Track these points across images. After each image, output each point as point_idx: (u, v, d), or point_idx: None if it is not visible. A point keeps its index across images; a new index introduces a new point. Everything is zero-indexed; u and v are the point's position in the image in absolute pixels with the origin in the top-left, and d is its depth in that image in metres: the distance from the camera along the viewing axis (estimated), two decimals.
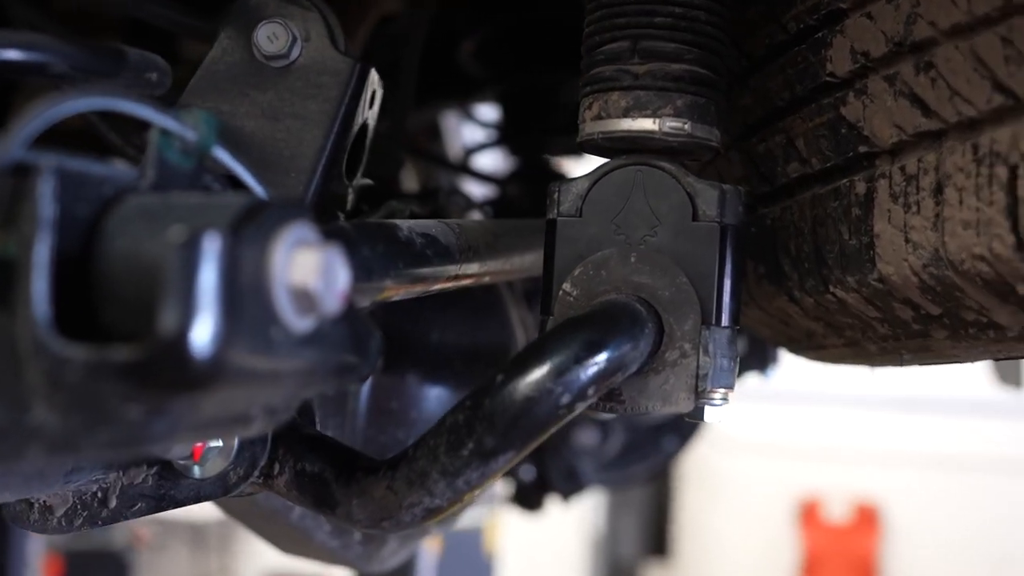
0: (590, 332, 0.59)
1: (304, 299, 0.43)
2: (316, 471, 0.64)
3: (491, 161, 2.12)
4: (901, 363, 0.78)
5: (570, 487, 2.15)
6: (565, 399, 0.57)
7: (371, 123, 0.82)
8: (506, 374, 0.57)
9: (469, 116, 1.89)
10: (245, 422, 0.47)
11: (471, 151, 1.84)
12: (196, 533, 8.19)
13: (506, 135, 1.86)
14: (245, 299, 0.41)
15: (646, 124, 0.63)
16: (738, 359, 0.65)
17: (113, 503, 0.64)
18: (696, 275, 0.63)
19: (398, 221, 0.65)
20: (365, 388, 0.97)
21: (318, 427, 0.75)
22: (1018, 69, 0.54)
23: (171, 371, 0.39)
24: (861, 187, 0.65)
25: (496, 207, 1.60)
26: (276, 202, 0.43)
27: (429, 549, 3.73)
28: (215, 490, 0.64)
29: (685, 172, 0.64)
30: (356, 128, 0.78)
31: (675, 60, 0.63)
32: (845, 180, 0.66)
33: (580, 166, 1.88)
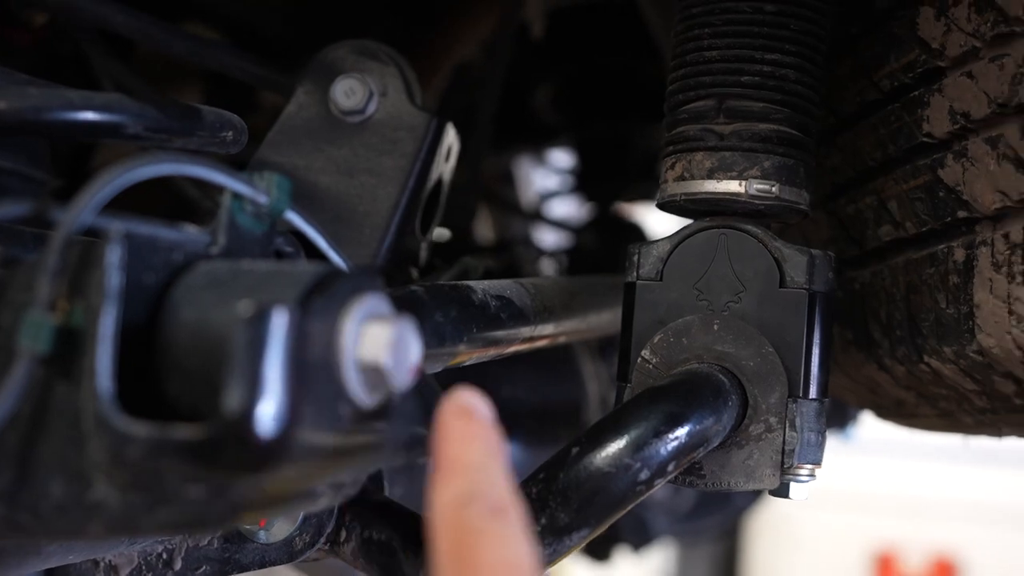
0: (670, 404, 0.56)
1: (374, 375, 0.41)
2: (383, 539, 0.62)
3: (565, 208, 2.11)
4: (999, 435, 0.73)
5: (640, 539, 2.10)
6: (643, 475, 0.54)
7: (447, 178, 0.81)
8: (581, 446, 0.55)
9: (544, 162, 1.87)
10: (311, 498, 0.46)
11: (546, 198, 1.83)
12: None
13: (580, 182, 1.84)
14: (313, 375, 0.39)
15: (731, 186, 0.61)
16: (826, 433, 0.62)
17: (178, 565, 0.63)
18: (783, 344, 0.60)
19: (472, 283, 0.63)
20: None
21: (386, 487, 0.73)
22: None
23: (235, 452, 0.37)
24: (960, 254, 0.61)
25: (570, 255, 1.58)
26: (347, 273, 0.42)
27: None
28: (281, 556, 0.63)
29: (772, 236, 0.61)
30: (431, 183, 0.77)
31: (762, 120, 0.61)
32: (942, 246, 0.63)
33: (654, 213, 1.85)
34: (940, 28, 0.61)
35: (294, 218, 0.51)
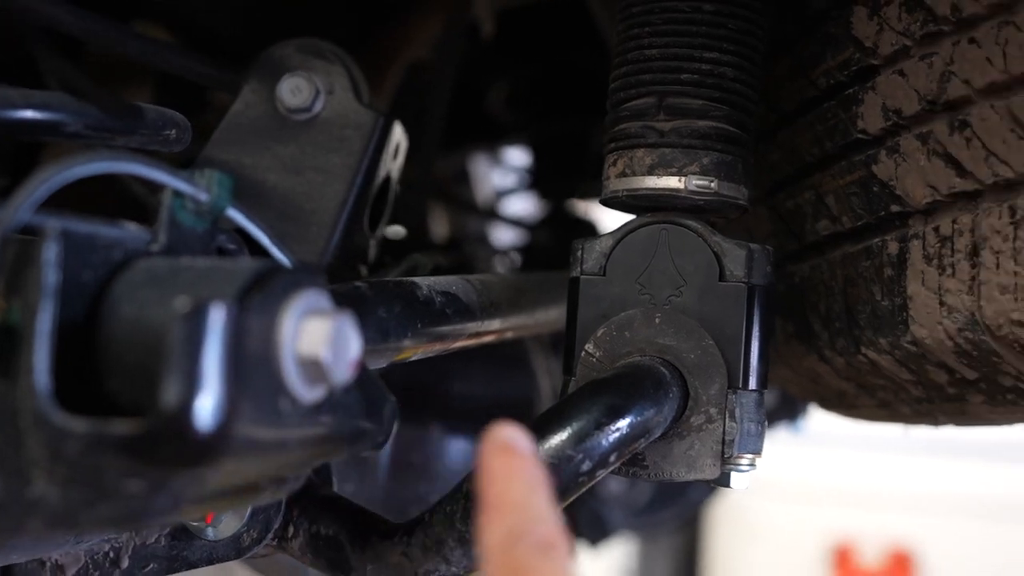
0: (612, 396, 0.57)
1: (314, 369, 0.42)
2: (331, 534, 0.63)
3: (521, 206, 2.12)
4: (936, 424, 0.75)
5: (597, 534, 2.12)
6: (586, 466, 0.55)
7: (395, 175, 0.82)
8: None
9: (499, 161, 1.88)
10: (253, 492, 0.46)
11: (501, 196, 1.84)
12: None
13: (536, 180, 1.85)
14: (252, 370, 0.40)
15: (671, 182, 0.62)
16: (766, 423, 0.63)
17: (125, 563, 0.63)
18: (723, 337, 0.61)
19: (418, 279, 0.64)
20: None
21: (335, 484, 0.73)
22: None
23: (173, 446, 0.38)
24: (894, 247, 0.63)
25: (524, 253, 1.59)
26: (287, 268, 0.42)
27: None
28: (228, 552, 0.63)
29: (712, 231, 0.63)
30: (379, 181, 0.77)
31: (701, 117, 0.62)
32: (877, 239, 0.64)
33: (609, 212, 1.87)
34: (873, 27, 0.63)
35: (236, 215, 0.51)
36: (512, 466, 0.42)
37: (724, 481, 0.62)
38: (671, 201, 0.63)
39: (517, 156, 1.93)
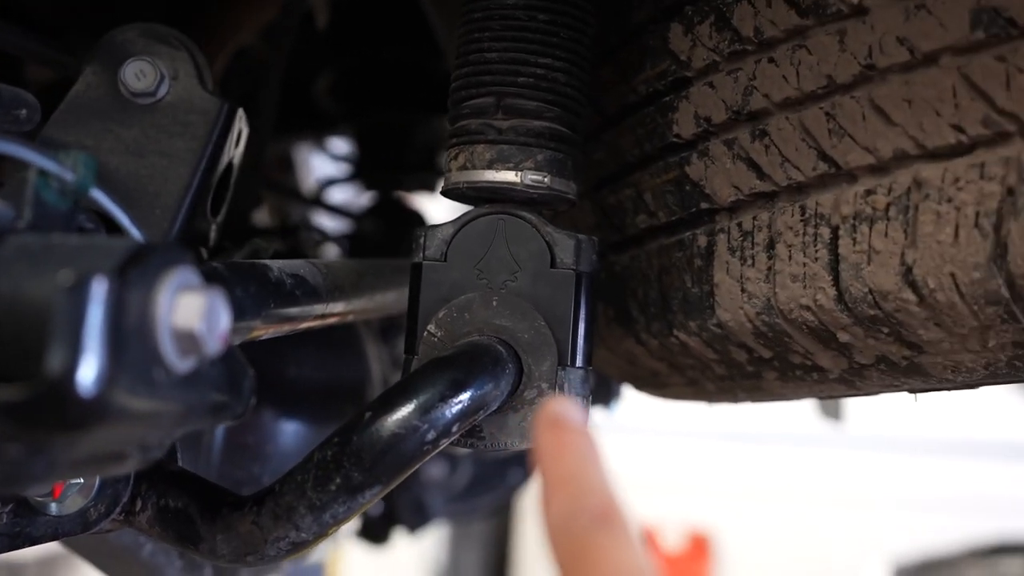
0: (454, 372, 0.62)
1: (187, 341, 0.45)
2: (180, 507, 0.65)
3: (344, 195, 2.13)
4: (736, 400, 0.84)
5: (417, 520, 2.16)
6: (431, 435, 0.59)
7: (236, 162, 0.84)
8: (374, 411, 0.60)
9: (323, 150, 1.90)
10: (120, 459, 0.48)
11: (325, 185, 1.85)
12: (13, 574, 7.72)
13: (360, 170, 1.88)
14: (129, 341, 0.42)
15: (509, 176, 0.67)
16: (590, 398, 0.69)
17: None
18: (553, 319, 0.67)
19: (268, 262, 0.67)
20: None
21: (179, 462, 0.75)
22: (839, 141, 0.61)
23: (56, 411, 0.40)
24: (703, 240, 0.71)
25: (352, 241, 1.61)
26: (160, 246, 0.45)
27: None
28: (74, 527, 0.64)
29: (544, 222, 0.68)
30: (222, 167, 0.79)
31: (536, 117, 0.68)
32: (689, 233, 0.72)
33: (433, 202, 1.91)
34: (687, 43, 0.70)
35: (99, 196, 0.53)
36: (564, 440, 0.42)
37: None
38: (508, 194, 0.68)
39: (341, 146, 1.95)
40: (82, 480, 0.63)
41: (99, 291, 0.41)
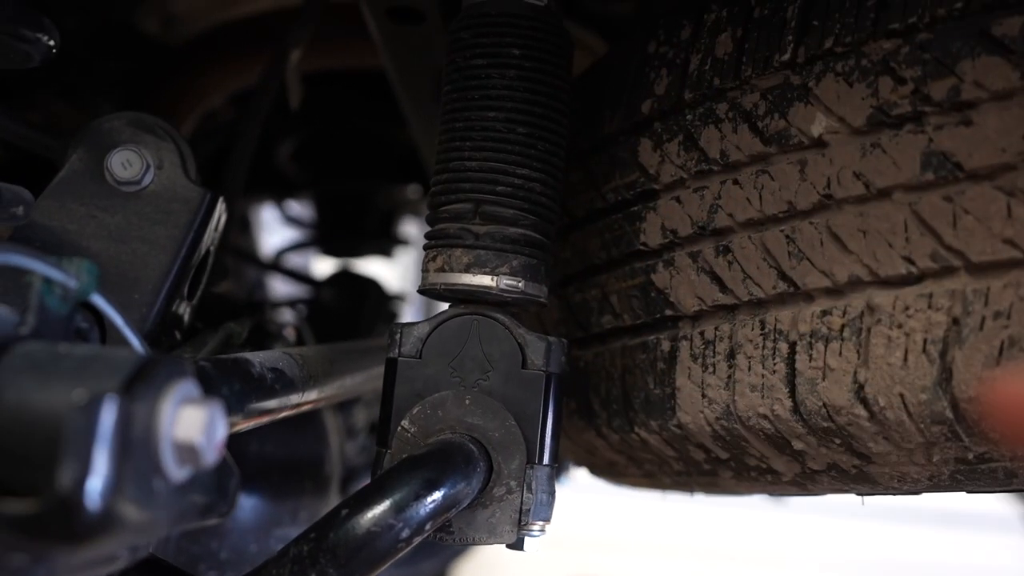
0: (428, 471, 0.64)
1: (187, 452, 0.47)
2: None
3: (301, 260, 2.15)
4: (691, 493, 0.87)
5: None
6: (405, 533, 0.62)
7: (214, 247, 0.86)
8: (350, 508, 0.61)
9: (283, 214, 1.92)
10: (111, 562, 0.50)
11: (284, 251, 1.87)
12: None
13: (318, 235, 1.90)
14: (134, 453, 0.44)
15: (485, 280, 0.70)
16: (555, 494, 0.72)
17: None
18: (523, 417, 0.70)
19: (249, 355, 0.69)
20: None
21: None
22: (798, 263, 0.65)
23: (63, 525, 0.42)
24: (666, 345, 0.74)
25: (310, 308, 1.63)
26: (164, 360, 0.47)
27: None
28: None
29: (516, 324, 0.71)
30: (201, 254, 0.81)
31: (512, 224, 0.71)
32: (653, 337, 0.75)
33: (390, 269, 1.94)
34: (656, 158, 0.74)
35: (99, 302, 0.55)
36: None
37: (519, 546, 0.70)
38: (483, 296, 0.71)
39: (300, 210, 1.97)
40: None
41: (110, 409, 0.43)
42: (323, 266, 1.99)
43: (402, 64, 1.03)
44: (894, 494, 0.72)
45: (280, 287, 2.09)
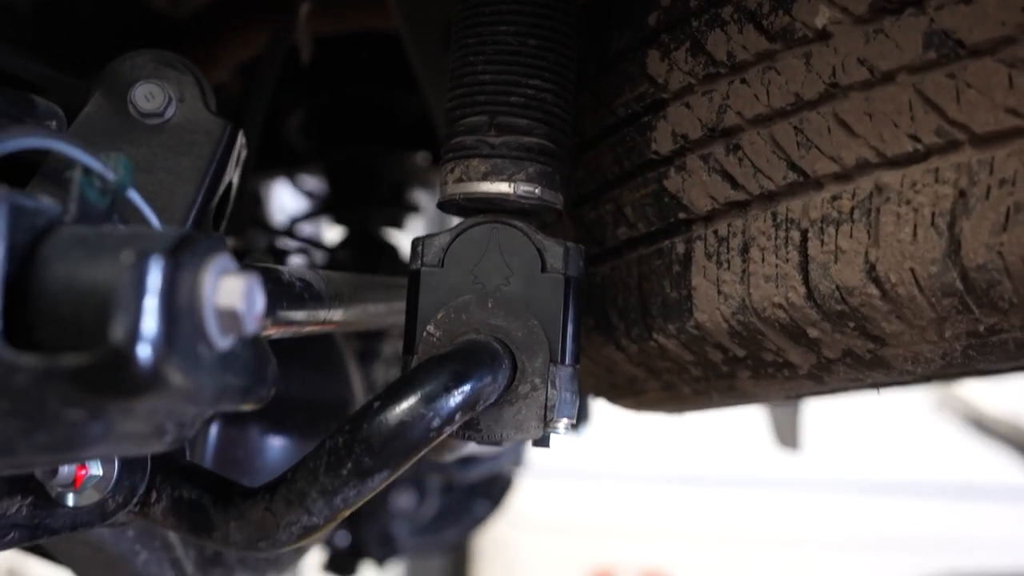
0: (456, 365, 0.66)
1: (229, 319, 0.49)
2: (193, 498, 0.68)
3: (313, 231, 2.17)
4: (710, 404, 0.89)
5: (385, 551, 2.18)
6: (435, 423, 0.64)
7: (235, 182, 0.88)
8: (382, 401, 0.64)
9: (294, 185, 1.94)
10: (160, 435, 0.52)
11: (297, 220, 1.89)
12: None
13: (330, 206, 1.92)
14: (180, 317, 0.47)
15: (502, 187, 0.72)
16: (579, 393, 0.74)
17: None
18: (544, 319, 0.72)
19: (278, 266, 0.71)
20: (212, 437, 1.01)
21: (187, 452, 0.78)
22: (807, 152, 0.67)
23: (116, 377, 0.44)
24: (681, 248, 0.76)
25: (325, 268, 1.65)
26: (204, 235, 0.49)
27: None
28: (92, 518, 0.67)
29: (535, 230, 0.74)
30: (223, 186, 0.83)
31: (527, 134, 0.73)
32: (667, 242, 0.78)
33: (403, 237, 1.96)
34: (664, 67, 0.76)
35: (134, 196, 0.57)
36: None
37: (545, 442, 0.72)
38: (501, 204, 0.73)
39: (312, 182, 1.99)
40: (100, 473, 0.66)
41: (157, 267, 0.45)
42: (334, 234, 2.01)
43: (410, 13, 1.05)
44: (908, 382, 0.73)
45: (293, 260, 2.11)
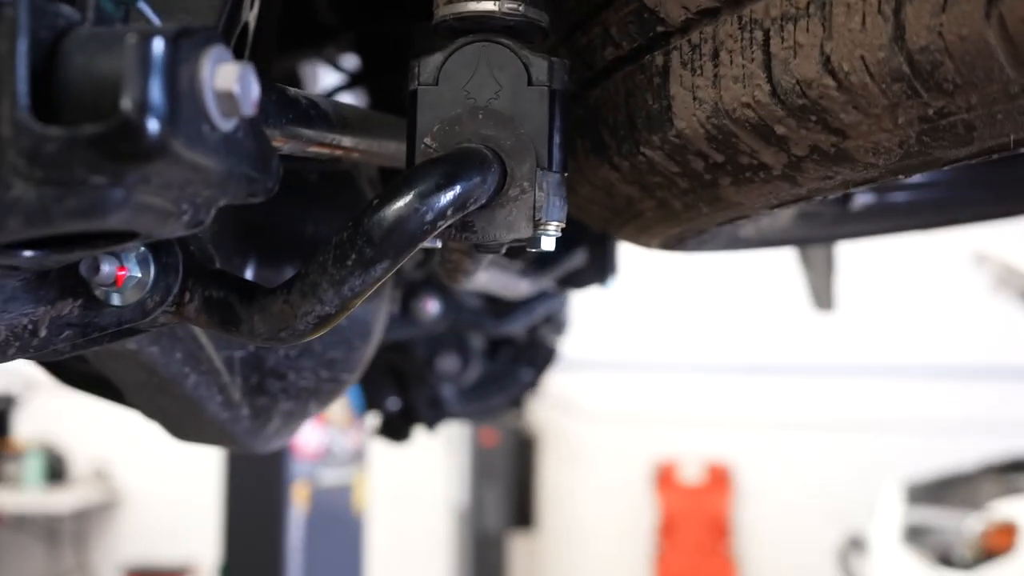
0: (447, 167, 0.73)
1: (227, 102, 0.56)
2: (222, 296, 0.76)
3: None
4: (701, 218, 0.95)
5: (434, 415, 2.29)
6: (429, 216, 0.71)
7: (252, 24, 0.94)
8: (380, 199, 0.71)
9: (328, 62, 2.00)
10: (178, 215, 0.60)
11: (329, 95, 1.95)
12: (50, 528, 7.95)
13: (363, 81, 1.98)
14: (182, 96, 0.54)
15: (488, 5, 0.78)
16: (566, 200, 0.81)
17: (43, 333, 0.74)
18: (532, 129, 0.78)
19: (285, 86, 0.78)
20: (248, 277, 1.09)
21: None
22: None
23: (130, 141, 0.51)
24: (660, 60, 0.81)
25: None
26: (201, 28, 0.56)
27: (298, 506, 3.82)
28: (135, 315, 0.76)
29: (521, 46, 0.79)
30: (240, 25, 0.90)
31: None
32: (648, 56, 0.83)
33: None
34: None
35: (144, 8, 0.64)
36: None
37: (536, 243, 0.79)
38: (488, 22, 0.79)
39: (344, 58, 2.05)
40: (139, 275, 0.74)
41: (159, 46, 0.52)
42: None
43: None
44: (876, 177, 0.78)
45: None
